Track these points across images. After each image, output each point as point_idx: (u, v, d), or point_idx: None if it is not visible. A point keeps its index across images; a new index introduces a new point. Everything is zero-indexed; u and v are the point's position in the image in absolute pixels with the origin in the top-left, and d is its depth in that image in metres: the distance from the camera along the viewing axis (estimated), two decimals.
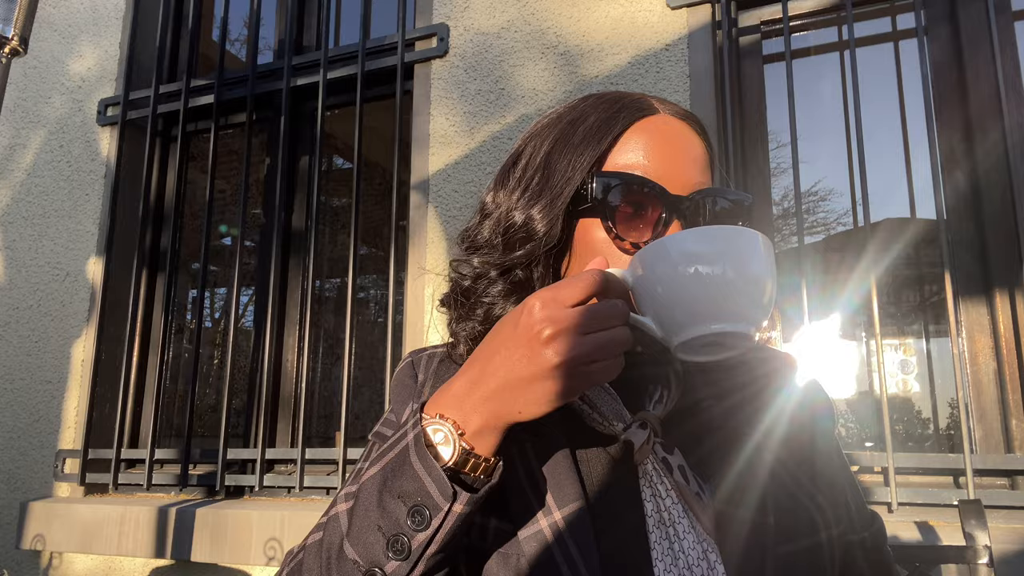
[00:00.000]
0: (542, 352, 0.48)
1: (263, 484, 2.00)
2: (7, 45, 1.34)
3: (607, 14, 1.92)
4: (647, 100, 0.66)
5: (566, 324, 0.48)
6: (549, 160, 0.65)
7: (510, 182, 0.67)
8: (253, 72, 2.28)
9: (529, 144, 0.68)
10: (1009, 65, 1.66)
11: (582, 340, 0.48)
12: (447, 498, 0.50)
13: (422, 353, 0.72)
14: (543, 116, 0.71)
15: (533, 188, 0.64)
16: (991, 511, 1.45)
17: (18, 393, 2.34)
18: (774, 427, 0.63)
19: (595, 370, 0.49)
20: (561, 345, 0.48)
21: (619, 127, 0.63)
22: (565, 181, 0.63)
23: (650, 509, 0.58)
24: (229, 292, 2.55)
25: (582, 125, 0.65)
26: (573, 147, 0.64)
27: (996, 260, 1.61)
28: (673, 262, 0.51)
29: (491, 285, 0.65)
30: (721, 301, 0.51)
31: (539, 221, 0.62)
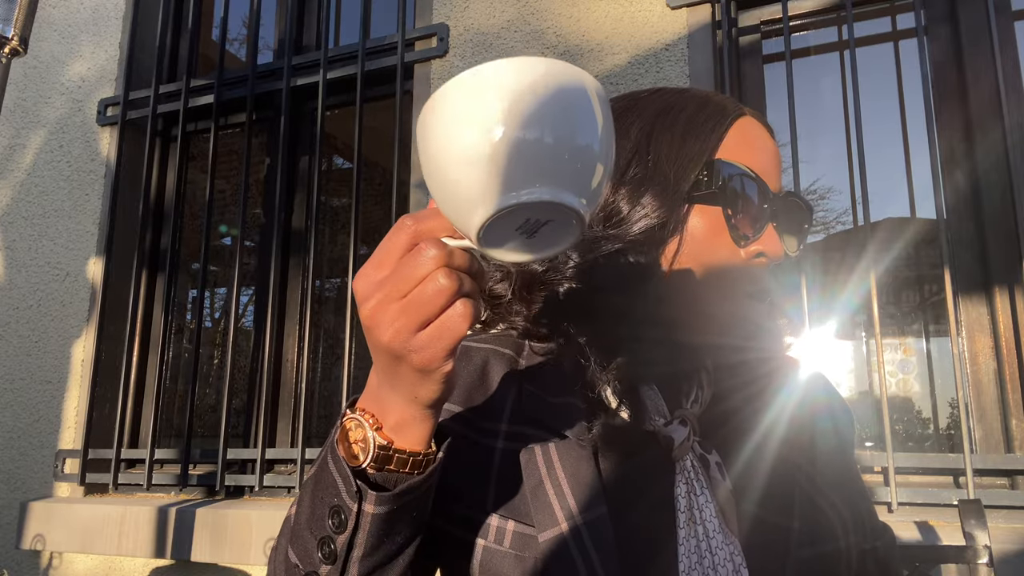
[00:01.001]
0: (373, 335, 0.44)
1: (263, 484, 2.00)
2: (7, 45, 1.34)
3: (607, 14, 1.92)
4: (735, 101, 0.68)
5: (376, 299, 0.43)
6: (646, 147, 0.63)
7: None
8: (253, 72, 2.28)
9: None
10: (1009, 65, 1.66)
11: (398, 307, 0.42)
12: (352, 498, 0.48)
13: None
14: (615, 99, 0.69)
15: (634, 176, 0.62)
16: (991, 511, 1.45)
17: (18, 393, 2.34)
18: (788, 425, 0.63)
19: (435, 334, 0.43)
20: (381, 322, 0.43)
21: (726, 122, 0.64)
22: (680, 168, 0.62)
23: (683, 505, 0.57)
24: (229, 292, 2.55)
25: (682, 114, 0.65)
26: (679, 136, 0.63)
27: (996, 260, 1.61)
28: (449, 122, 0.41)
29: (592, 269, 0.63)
30: (522, 163, 0.39)
31: (652, 208, 0.61)
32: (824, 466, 0.64)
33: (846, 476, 0.67)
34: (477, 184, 0.39)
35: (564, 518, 0.55)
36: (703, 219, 0.62)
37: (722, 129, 0.64)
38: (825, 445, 0.66)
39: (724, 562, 0.55)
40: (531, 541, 0.56)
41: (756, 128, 0.66)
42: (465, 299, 0.43)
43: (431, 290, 0.42)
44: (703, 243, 0.62)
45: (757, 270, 0.62)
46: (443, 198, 0.42)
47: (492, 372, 0.65)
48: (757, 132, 0.66)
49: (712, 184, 0.61)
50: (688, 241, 0.62)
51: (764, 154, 0.64)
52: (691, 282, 0.62)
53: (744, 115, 0.66)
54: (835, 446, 0.67)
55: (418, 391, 0.46)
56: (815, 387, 0.71)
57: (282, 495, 2.05)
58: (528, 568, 0.55)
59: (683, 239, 0.62)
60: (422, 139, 0.42)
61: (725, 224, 0.61)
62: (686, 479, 0.58)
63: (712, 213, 0.62)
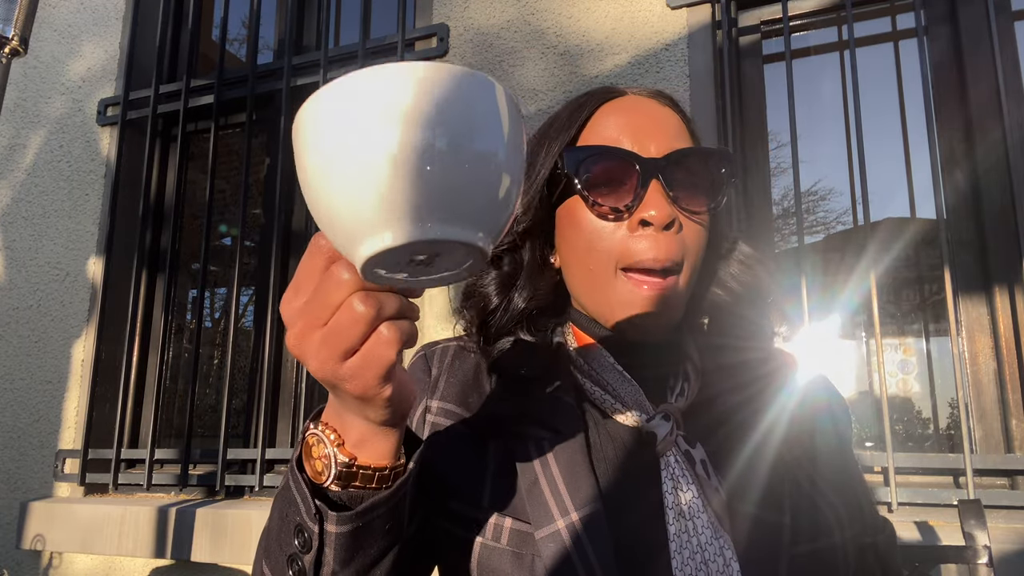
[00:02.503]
0: (303, 363, 0.42)
1: (263, 484, 2.00)
2: (7, 45, 1.34)
3: (607, 14, 1.92)
4: (615, 86, 0.68)
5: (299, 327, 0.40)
6: (533, 154, 0.67)
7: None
8: (253, 72, 2.28)
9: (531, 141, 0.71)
10: (1009, 65, 1.66)
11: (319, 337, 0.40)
12: (312, 519, 0.46)
13: (435, 346, 0.71)
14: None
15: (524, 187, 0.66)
16: (991, 511, 1.45)
17: (18, 393, 2.34)
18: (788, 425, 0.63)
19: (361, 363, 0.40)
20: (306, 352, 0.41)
21: (586, 112, 0.66)
22: (540, 167, 0.65)
23: (671, 501, 0.57)
24: (229, 292, 2.55)
25: (556, 120, 0.68)
26: (549, 139, 0.66)
27: (996, 260, 1.60)
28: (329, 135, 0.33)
29: (483, 277, 0.67)
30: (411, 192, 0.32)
31: (523, 211, 0.65)
32: (823, 465, 0.64)
33: (845, 473, 0.67)
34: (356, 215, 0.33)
35: (560, 515, 0.56)
36: (572, 210, 0.63)
37: (582, 118, 0.65)
38: (825, 444, 0.66)
39: (715, 556, 0.55)
40: (528, 538, 0.56)
41: (632, 104, 0.65)
42: (390, 323, 0.39)
43: (347, 319, 0.38)
44: (577, 234, 0.63)
45: (638, 238, 0.60)
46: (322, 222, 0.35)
47: (485, 371, 0.66)
48: (630, 104, 0.65)
49: (562, 174, 0.62)
50: (566, 234, 0.64)
51: (635, 122, 0.63)
52: (578, 277, 0.64)
53: (617, 97, 0.66)
54: (835, 444, 0.68)
55: (366, 413, 0.44)
56: (816, 387, 0.71)
57: None
58: (526, 565, 0.56)
59: (560, 234, 0.65)
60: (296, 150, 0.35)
61: (586, 206, 0.62)
62: (671, 475, 0.58)
63: (572, 201, 0.63)
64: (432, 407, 0.66)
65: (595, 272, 0.62)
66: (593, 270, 0.62)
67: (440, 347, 0.71)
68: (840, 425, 0.70)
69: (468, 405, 0.64)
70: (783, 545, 0.57)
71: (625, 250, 0.60)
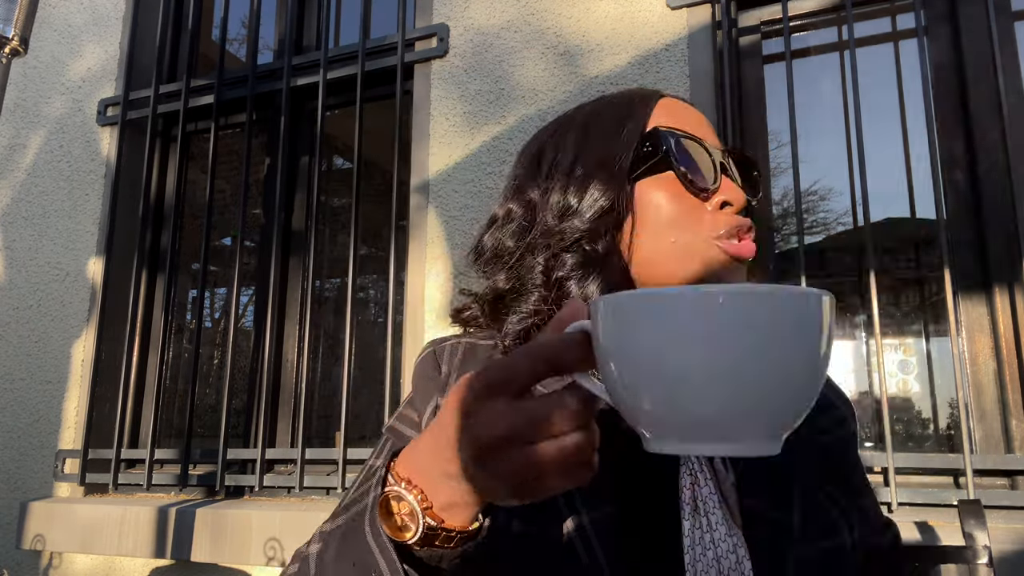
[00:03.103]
0: (471, 456, 0.40)
1: (263, 484, 2.00)
2: (7, 45, 1.34)
3: (607, 14, 1.92)
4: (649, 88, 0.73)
5: (500, 429, 0.39)
6: (584, 146, 0.68)
7: (541, 180, 0.69)
8: (253, 72, 2.28)
9: (548, 143, 0.71)
10: (1009, 65, 1.66)
11: (524, 451, 0.39)
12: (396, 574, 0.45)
13: (444, 343, 0.71)
14: (544, 127, 0.74)
15: (579, 173, 0.66)
16: (991, 511, 1.45)
17: (18, 393, 2.34)
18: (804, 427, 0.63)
19: (546, 485, 0.40)
20: (493, 458, 0.39)
21: (652, 102, 0.69)
22: (620, 150, 0.66)
23: (687, 496, 0.57)
24: (229, 292, 2.55)
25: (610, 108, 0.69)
26: (612, 125, 0.68)
27: (996, 260, 1.61)
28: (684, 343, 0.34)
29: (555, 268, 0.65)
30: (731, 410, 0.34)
31: (600, 193, 0.64)
32: (832, 465, 0.64)
33: (850, 472, 0.67)
34: (682, 412, 0.34)
35: (568, 510, 0.56)
36: (657, 188, 0.65)
37: (649, 108, 0.68)
38: (833, 444, 0.66)
39: (727, 554, 0.55)
40: (535, 533, 0.56)
41: (677, 103, 0.71)
42: (595, 452, 0.40)
43: (566, 446, 0.38)
44: (665, 210, 0.64)
45: (725, 216, 0.65)
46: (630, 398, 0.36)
47: None
48: (680, 105, 0.70)
49: (658, 152, 0.64)
50: (648, 214, 0.64)
51: (693, 119, 0.69)
52: (660, 251, 0.64)
53: (664, 96, 0.71)
54: (842, 445, 0.68)
55: (494, 498, 0.43)
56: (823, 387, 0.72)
57: (282, 495, 2.05)
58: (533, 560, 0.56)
59: (637, 214, 0.65)
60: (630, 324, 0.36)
61: (681, 184, 0.65)
62: (690, 470, 0.58)
63: (664, 180, 0.65)
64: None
65: (679, 244, 0.64)
66: (677, 242, 0.64)
67: (449, 344, 0.71)
68: (847, 426, 0.70)
69: None
70: (792, 544, 0.57)
71: (713, 223, 0.64)
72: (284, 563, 1.79)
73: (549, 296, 0.64)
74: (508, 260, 0.69)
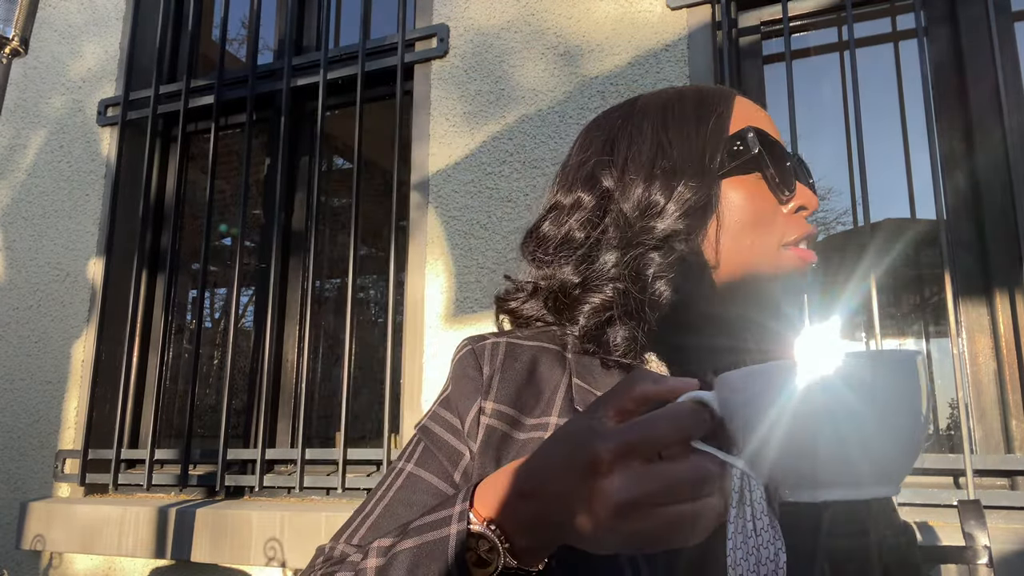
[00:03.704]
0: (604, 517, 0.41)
1: (263, 484, 2.00)
2: (7, 45, 1.34)
3: (607, 14, 1.92)
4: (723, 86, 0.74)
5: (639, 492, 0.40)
6: (665, 139, 0.66)
7: (616, 170, 0.67)
8: (253, 72, 2.28)
9: (620, 132, 0.69)
10: (1009, 65, 1.66)
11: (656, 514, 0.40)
12: None
13: (484, 342, 0.69)
14: (606, 114, 0.72)
15: (665, 167, 0.64)
16: (991, 511, 1.45)
17: (18, 393, 2.34)
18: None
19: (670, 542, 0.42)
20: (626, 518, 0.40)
21: (731, 101, 0.68)
22: (706, 148, 0.65)
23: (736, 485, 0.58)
24: (229, 292, 2.55)
25: (687, 103, 0.68)
26: (693, 122, 0.66)
27: (996, 260, 1.61)
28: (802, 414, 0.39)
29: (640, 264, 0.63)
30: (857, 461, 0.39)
31: (689, 191, 0.63)
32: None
33: None
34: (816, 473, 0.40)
35: None
36: (741, 189, 0.65)
37: (730, 107, 0.67)
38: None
39: (767, 544, 0.56)
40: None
41: (751, 103, 0.70)
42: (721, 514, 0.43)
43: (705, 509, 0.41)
44: (747, 211, 0.64)
45: (799, 220, 0.66)
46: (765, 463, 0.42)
47: (540, 368, 0.65)
48: (753, 106, 0.70)
49: (748, 151, 0.64)
50: (730, 215, 0.64)
51: (767, 121, 0.68)
52: (737, 253, 0.64)
53: (737, 95, 0.70)
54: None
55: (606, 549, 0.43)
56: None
57: (282, 495, 2.05)
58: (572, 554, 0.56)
59: (722, 215, 0.64)
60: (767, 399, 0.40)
61: (767, 186, 0.65)
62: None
63: (748, 181, 0.65)
64: (486, 409, 0.64)
65: (755, 246, 0.64)
66: (753, 244, 0.64)
67: (489, 343, 0.68)
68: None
69: (521, 405, 0.63)
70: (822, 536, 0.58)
71: (787, 229, 0.65)
72: (284, 563, 1.79)
73: (626, 291, 0.63)
74: (577, 251, 0.66)
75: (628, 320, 0.62)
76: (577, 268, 0.65)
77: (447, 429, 0.65)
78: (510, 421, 0.62)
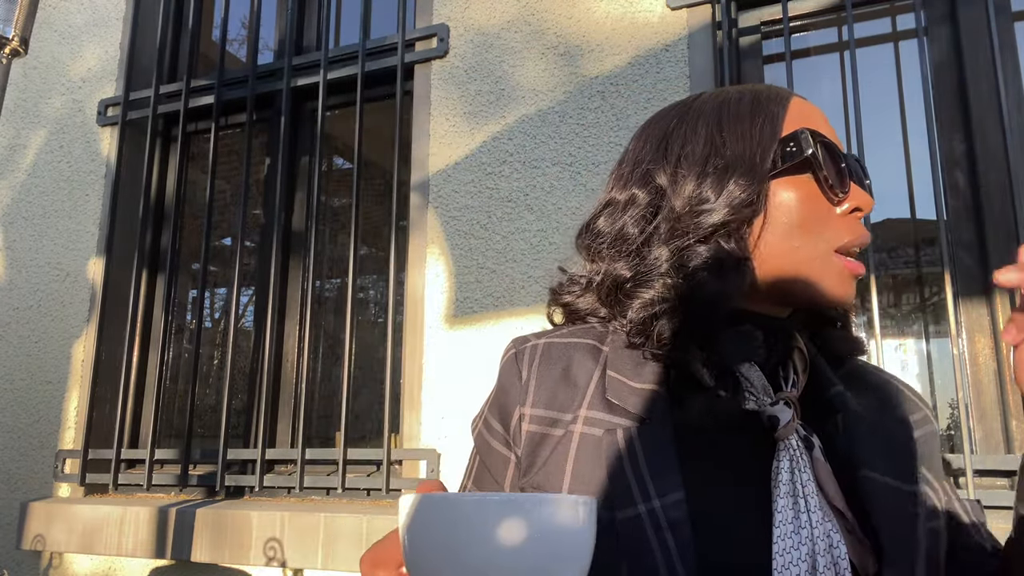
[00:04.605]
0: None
1: (263, 484, 2.00)
2: (8, 46, 1.34)
3: (607, 14, 1.92)
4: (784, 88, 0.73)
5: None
6: (719, 138, 0.66)
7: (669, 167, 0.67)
8: (253, 72, 2.28)
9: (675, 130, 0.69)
10: (1009, 65, 1.66)
11: None
12: None
13: (526, 345, 0.70)
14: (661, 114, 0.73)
15: (717, 165, 0.65)
16: (991, 511, 1.45)
17: (18, 393, 2.34)
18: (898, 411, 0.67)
19: None
20: None
21: (787, 101, 0.68)
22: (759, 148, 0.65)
23: (785, 479, 0.58)
24: (229, 292, 2.55)
25: (742, 103, 0.68)
26: (748, 120, 0.67)
27: (996, 260, 1.61)
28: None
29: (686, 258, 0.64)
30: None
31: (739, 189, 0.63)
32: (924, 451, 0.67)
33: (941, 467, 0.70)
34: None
35: (642, 499, 0.57)
36: (792, 190, 0.65)
37: (784, 108, 0.67)
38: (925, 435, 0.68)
39: (822, 537, 0.56)
40: (608, 521, 0.56)
41: (807, 103, 0.70)
42: None
43: None
44: (797, 212, 0.64)
45: (852, 222, 0.66)
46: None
47: (575, 366, 0.66)
48: (809, 105, 0.70)
49: (801, 152, 0.64)
50: (779, 214, 0.64)
51: (822, 120, 0.68)
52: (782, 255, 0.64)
53: (794, 96, 0.70)
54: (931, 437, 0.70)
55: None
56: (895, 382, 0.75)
57: (282, 495, 2.06)
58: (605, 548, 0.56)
59: (770, 214, 0.64)
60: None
61: (818, 188, 0.65)
62: (790, 455, 0.59)
63: (799, 181, 0.65)
64: (525, 415, 0.65)
65: (802, 248, 0.64)
66: (801, 246, 0.64)
67: (529, 346, 0.69)
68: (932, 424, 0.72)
69: (559, 405, 0.64)
70: (920, 517, 0.59)
71: (839, 232, 0.65)
72: (284, 563, 1.80)
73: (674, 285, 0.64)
74: (630, 246, 0.67)
75: (674, 314, 0.63)
76: (629, 263, 0.67)
77: (495, 437, 0.67)
78: (549, 422, 0.64)
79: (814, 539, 0.56)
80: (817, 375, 0.67)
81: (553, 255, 1.84)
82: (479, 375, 1.85)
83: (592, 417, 0.62)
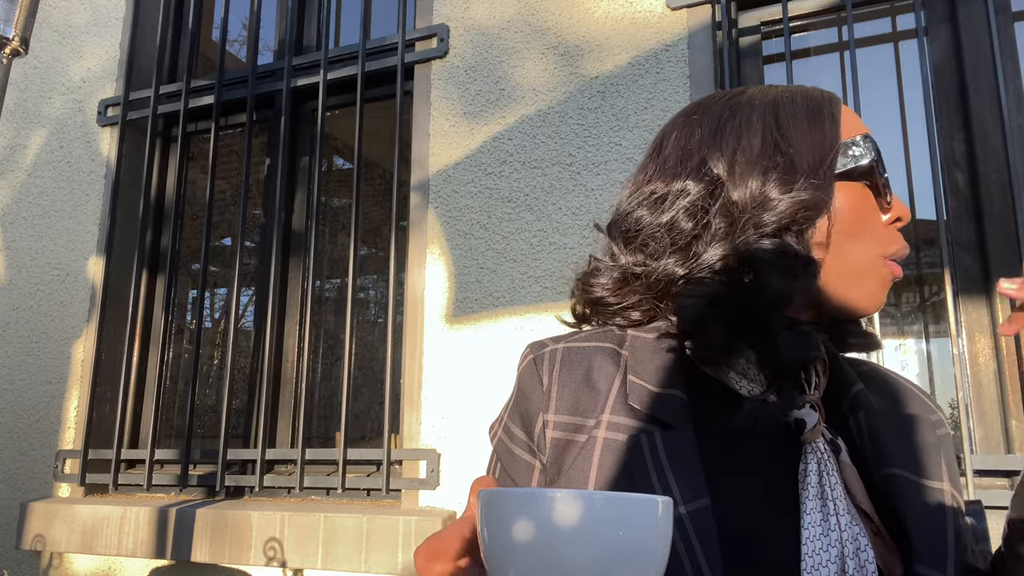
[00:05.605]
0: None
1: (263, 484, 2.00)
2: (8, 46, 1.34)
3: (607, 14, 1.92)
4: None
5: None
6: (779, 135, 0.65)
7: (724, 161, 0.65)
8: (253, 72, 2.28)
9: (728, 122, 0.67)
10: (1009, 65, 1.66)
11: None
12: None
13: (543, 350, 0.68)
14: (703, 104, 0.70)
15: (780, 163, 0.63)
16: (991, 511, 1.45)
17: (18, 393, 2.34)
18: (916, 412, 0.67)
19: None
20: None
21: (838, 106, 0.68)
22: (822, 150, 0.65)
23: (813, 481, 0.58)
24: (229, 292, 2.55)
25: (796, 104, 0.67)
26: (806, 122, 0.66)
27: (996, 260, 1.61)
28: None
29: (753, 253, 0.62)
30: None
31: (804, 190, 0.62)
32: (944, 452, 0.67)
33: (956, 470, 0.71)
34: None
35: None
36: (848, 195, 0.65)
37: (839, 111, 0.67)
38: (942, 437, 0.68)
39: (851, 540, 0.56)
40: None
41: (851, 111, 0.70)
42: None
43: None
44: (852, 217, 0.65)
45: (896, 232, 0.67)
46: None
47: (596, 370, 0.65)
48: (853, 114, 0.70)
49: (863, 158, 0.65)
50: (835, 218, 0.64)
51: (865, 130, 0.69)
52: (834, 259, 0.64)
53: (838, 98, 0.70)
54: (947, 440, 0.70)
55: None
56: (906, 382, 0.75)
57: (282, 495, 2.06)
58: None
59: (832, 218, 0.64)
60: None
61: (872, 197, 0.66)
62: (817, 458, 0.59)
63: (855, 187, 0.65)
64: (549, 422, 0.64)
65: (857, 251, 0.65)
66: (856, 249, 0.65)
67: (548, 351, 0.67)
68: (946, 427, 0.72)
69: (582, 410, 0.63)
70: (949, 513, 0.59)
71: (887, 240, 0.66)
72: (284, 563, 1.80)
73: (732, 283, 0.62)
74: (683, 239, 0.64)
75: (729, 313, 0.61)
76: (681, 258, 0.64)
77: (520, 446, 0.66)
78: (573, 428, 0.62)
79: (843, 542, 0.55)
80: (837, 375, 0.66)
81: (553, 255, 1.84)
82: (479, 375, 1.85)
83: (615, 422, 0.61)
